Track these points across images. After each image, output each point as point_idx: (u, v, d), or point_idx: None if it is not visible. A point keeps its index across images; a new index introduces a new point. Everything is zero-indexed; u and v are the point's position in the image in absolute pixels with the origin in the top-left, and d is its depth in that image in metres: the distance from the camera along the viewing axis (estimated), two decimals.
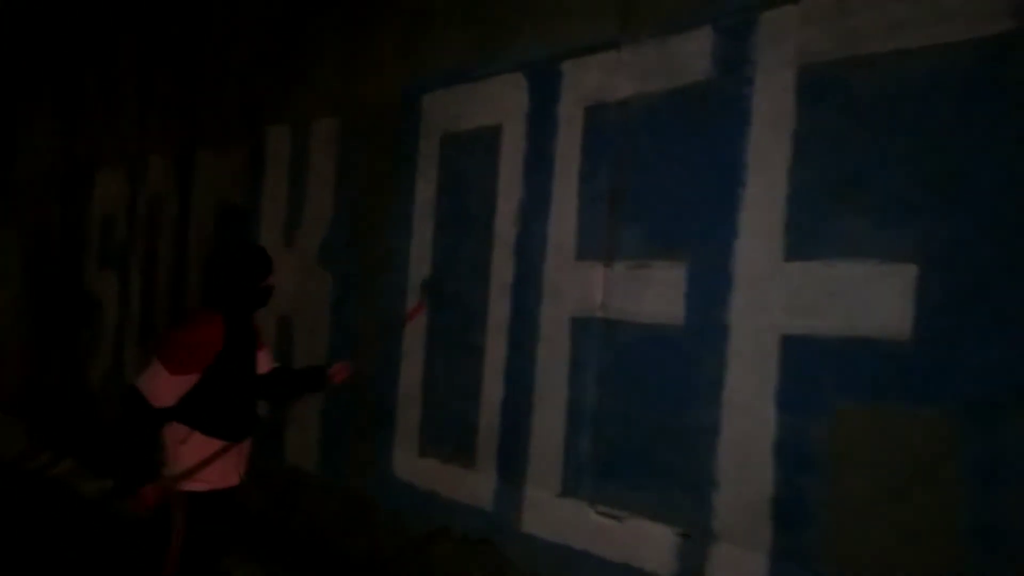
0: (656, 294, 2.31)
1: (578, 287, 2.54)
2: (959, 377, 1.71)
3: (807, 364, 1.97)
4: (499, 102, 2.86)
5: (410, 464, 3.10)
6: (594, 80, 2.54)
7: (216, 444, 2.37)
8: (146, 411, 2.25)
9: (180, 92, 4.88)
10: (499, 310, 2.79)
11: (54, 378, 5.98)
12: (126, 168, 5.39)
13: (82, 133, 5.95)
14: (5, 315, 6.80)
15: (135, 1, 5.43)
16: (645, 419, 2.32)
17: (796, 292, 1.99)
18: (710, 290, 2.17)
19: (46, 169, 6.36)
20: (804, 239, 1.99)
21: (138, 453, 2.30)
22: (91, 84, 5.89)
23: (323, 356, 3.48)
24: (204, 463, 2.33)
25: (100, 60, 5.78)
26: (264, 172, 4.08)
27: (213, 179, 4.52)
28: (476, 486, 2.80)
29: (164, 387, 2.26)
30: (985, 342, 1.68)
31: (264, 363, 2.60)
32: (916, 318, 1.78)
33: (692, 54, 2.26)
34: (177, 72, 4.93)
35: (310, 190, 3.77)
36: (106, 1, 5.78)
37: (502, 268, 2.80)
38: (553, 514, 2.55)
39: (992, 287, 1.68)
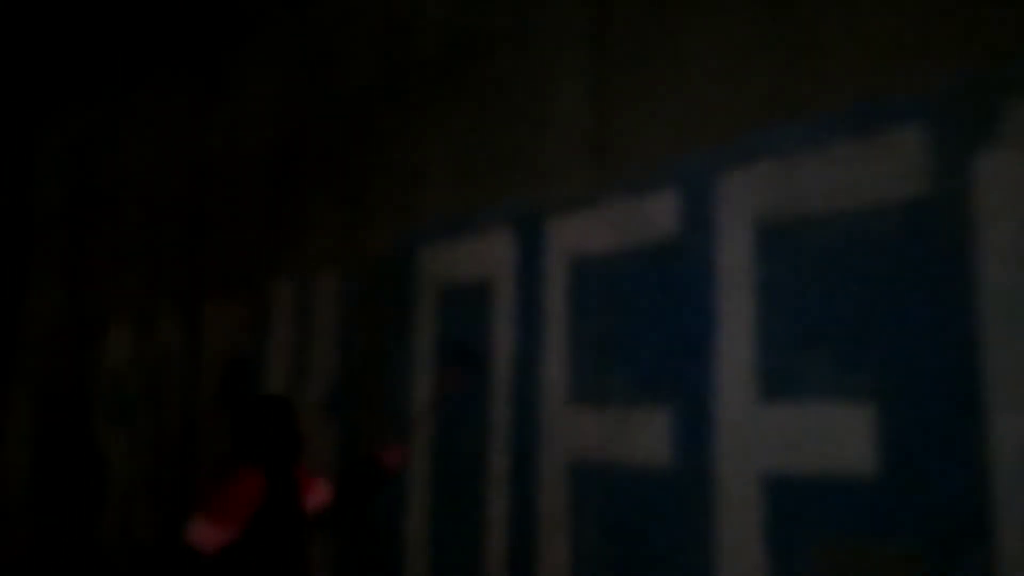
0: (644, 438, 2.41)
1: (573, 432, 2.64)
2: (920, 513, 1.80)
3: (788, 503, 2.05)
4: (489, 255, 3.07)
5: None
6: (575, 234, 2.75)
7: None
8: (194, 559, 2.35)
9: (185, 247, 5.15)
10: (498, 458, 2.88)
11: (63, 537, 5.95)
12: (135, 322, 5.59)
13: (90, 291, 6.20)
14: (17, 476, 6.82)
15: (137, 160, 5.80)
16: (643, 564, 2.37)
17: (772, 433, 2.10)
18: (692, 433, 2.28)
19: (55, 328, 6.58)
20: (774, 382, 2.12)
21: None
22: (97, 243, 6.20)
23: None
24: None
25: (105, 221, 6.12)
26: (270, 323, 4.26)
27: (221, 331, 4.71)
28: None
29: (206, 534, 2.38)
30: (939, 478, 1.78)
31: (321, 494, 2.75)
32: (877, 455, 1.89)
33: (660, 212, 2.47)
34: (182, 227, 5.22)
35: (315, 340, 3.93)
36: (108, 161, 6.17)
37: (500, 415, 2.91)
38: None
39: (941, 424, 1.80)
